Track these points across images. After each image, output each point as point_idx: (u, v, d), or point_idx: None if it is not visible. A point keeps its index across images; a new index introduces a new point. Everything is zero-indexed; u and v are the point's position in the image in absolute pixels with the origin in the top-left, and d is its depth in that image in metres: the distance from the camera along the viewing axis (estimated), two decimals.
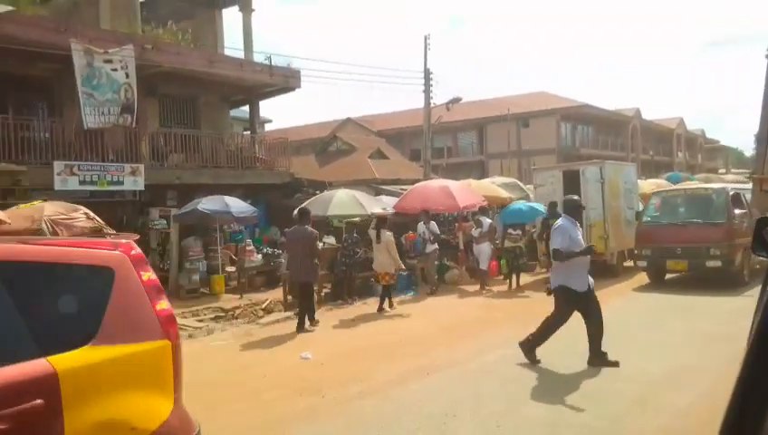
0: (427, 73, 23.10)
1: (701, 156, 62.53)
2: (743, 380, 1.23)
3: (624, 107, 49.48)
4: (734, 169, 43.96)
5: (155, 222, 14.38)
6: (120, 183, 14.25)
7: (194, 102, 18.67)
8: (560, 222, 6.92)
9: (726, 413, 1.23)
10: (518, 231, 13.37)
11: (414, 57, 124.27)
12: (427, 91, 23.22)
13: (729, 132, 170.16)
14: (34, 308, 2.62)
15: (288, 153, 20.13)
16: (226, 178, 16.98)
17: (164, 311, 2.95)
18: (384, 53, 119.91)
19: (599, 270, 9.13)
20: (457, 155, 43.93)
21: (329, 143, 31.19)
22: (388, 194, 17.70)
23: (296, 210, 11.53)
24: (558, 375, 6.37)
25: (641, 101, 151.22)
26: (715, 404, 1.45)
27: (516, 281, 13.13)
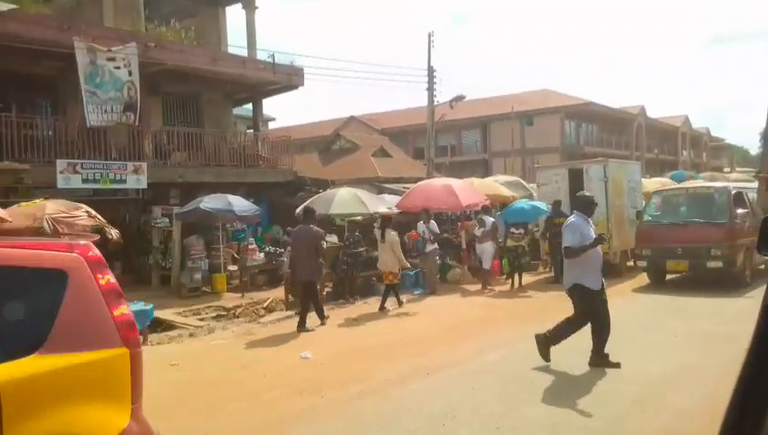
0: (430, 71, 23.03)
1: (706, 154, 62.25)
2: (743, 380, 1.23)
3: (629, 105, 49.30)
4: (738, 168, 43.72)
5: (157, 220, 14.41)
6: (123, 181, 14.29)
7: (197, 100, 18.70)
8: (572, 219, 6.77)
9: (727, 413, 1.22)
10: (521, 230, 13.35)
11: (418, 54, 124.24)
12: (430, 89, 23.16)
13: (734, 130, 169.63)
14: None
15: (291, 151, 20.15)
16: (229, 176, 17.01)
17: (123, 317, 2.81)
18: (387, 50, 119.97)
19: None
20: (461, 153, 43.86)
21: (332, 142, 31.18)
22: (391, 193, 17.67)
23: (299, 208, 11.53)
24: (558, 375, 6.35)
25: (646, 98, 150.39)
26: (715, 405, 1.43)
27: (519, 280, 13.11)
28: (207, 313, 11.61)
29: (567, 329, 6.64)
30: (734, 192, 12.20)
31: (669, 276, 12.59)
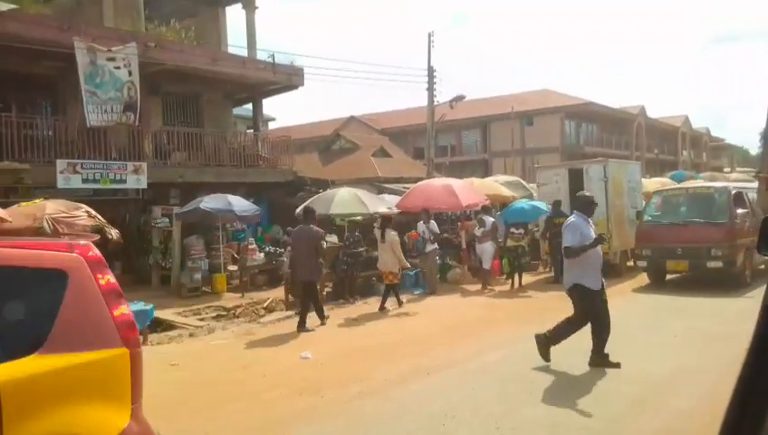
0: (430, 71, 23.03)
1: (706, 154, 62.25)
2: (743, 380, 1.22)
3: (628, 105, 49.30)
4: (739, 168, 43.72)
5: (157, 220, 14.41)
6: (123, 181, 14.29)
7: (197, 100, 18.70)
8: (572, 219, 6.76)
9: (727, 413, 1.22)
10: (520, 230, 13.35)
11: (418, 54, 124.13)
12: (430, 89, 23.16)
13: (734, 130, 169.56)
14: None
15: (291, 151, 20.15)
16: (229, 176, 17.01)
17: (123, 317, 2.79)
18: (387, 50, 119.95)
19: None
20: (461, 153, 43.86)
21: (332, 141, 31.18)
22: (391, 192, 17.67)
23: (299, 208, 11.51)
24: (558, 375, 6.34)
25: (646, 98, 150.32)
26: (715, 405, 1.44)
27: (519, 280, 13.11)
28: (207, 313, 11.61)
29: (567, 329, 6.65)
30: (733, 192, 12.18)
31: (669, 276, 12.58)
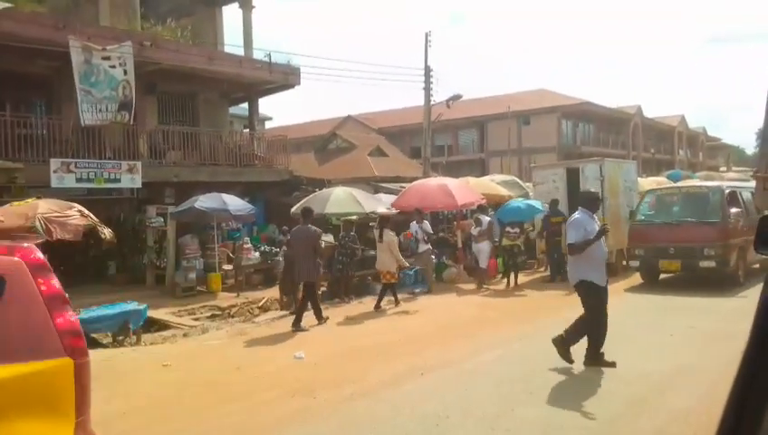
0: (427, 71, 23.01)
1: (702, 154, 62.38)
2: (741, 378, 1.21)
3: (625, 104, 49.33)
4: (735, 167, 43.79)
5: (152, 220, 14.33)
6: (117, 180, 14.22)
7: (193, 100, 18.63)
8: (576, 215, 6.63)
9: (725, 412, 1.20)
10: (516, 229, 13.33)
11: (414, 53, 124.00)
12: (427, 89, 23.13)
13: (731, 130, 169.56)
14: None
15: (287, 151, 20.10)
16: (225, 175, 16.96)
17: (67, 324, 2.62)
18: (384, 49, 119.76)
19: None
20: (458, 153, 43.83)
21: (328, 141, 31.12)
22: (388, 192, 17.65)
23: (294, 207, 11.47)
24: (554, 376, 6.30)
25: (642, 98, 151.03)
26: (712, 405, 1.41)
27: (514, 280, 13.09)
28: (202, 312, 11.57)
29: (582, 328, 6.52)
30: (727, 191, 12.10)
31: (663, 276, 12.52)
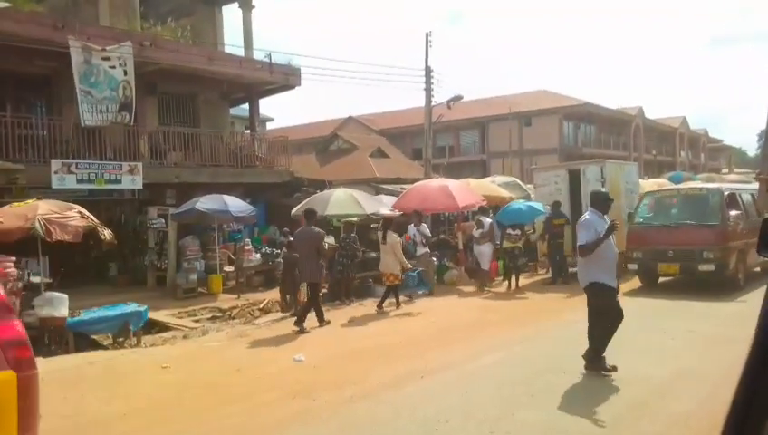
0: (428, 71, 22.98)
1: (704, 155, 62.35)
2: (744, 382, 1.19)
3: (627, 106, 49.31)
4: (737, 169, 43.76)
5: (153, 221, 14.34)
6: (118, 181, 14.20)
7: (193, 100, 18.63)
8: (586, 216, 6.49)
9: (728, 417, 1.19)
10: (517, 231, 13.28)
11: (415, 54, 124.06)
12: (427, 90, 23.10)
13: (732, 132, 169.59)
14: None
15: (288, 152, 20.08)
16: (226, 176, 16.94)
17: (10, 334, 2.45)
18: (385, 49, 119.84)
19: None
20: (459, 154, 43.83)
21: (329, 142, 31.14)
22: (389, 193, 17.63)
23: (295, 209, 11.44)
24: (554, 379, 6.26)
25: (644, 99, 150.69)
26: (715, 409, 1.38)
27: (515, 282, 13.04)
28: (203, 314, 11.56)
29: (600, 332, 6.36)
30: (726, 193, 11.92)
31: (662, 279, 12.35)
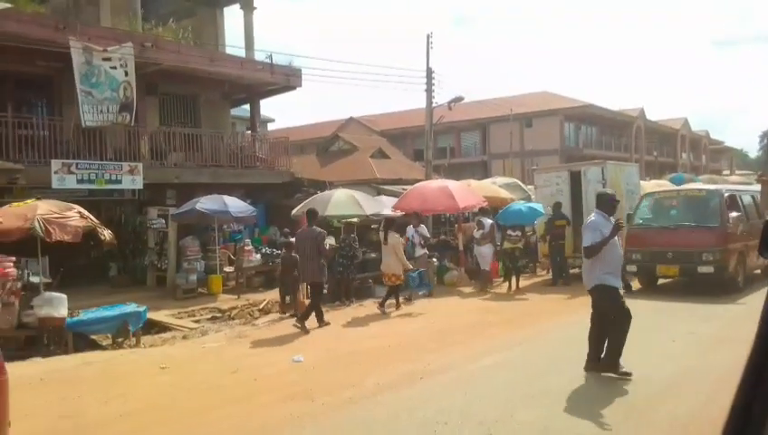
0: (429, 73, 22.92)
1: (705, 157, 62.28)
2: (745, 383, 1.19)
3: (628, 107, 49.31)
4: (738, 171, 43.73)
5: (153, 221, 14.35)
6: (119, 182, 14.21)
7: (194, 101, 18.64)
8: (592, 217, 6.43)
9: (729, 418, 1.19)
10: (517, 232, 13.26)
11: (416, 55, 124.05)
12: (429, 91, 23.05)
13: (733, 133, 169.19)
14: None
15: (289, 152, 20.08)
16: (226, 177, 16.94)
17: None
18: (385, 50, 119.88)
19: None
20: (460, 155, 43.86)
21: (330, 143, 31.13)
22: (389, 194, 17.61)
23: (295, 210, 11.43)
24: (553, 381, 6.24)
25: (645, 101, 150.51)
26: (716, 411, 1.37)
27: (516, 283, 13.03)
28: (202, 314, 11.55)
29: (617, 339, 6.33)
30: (726, 195, 11.85)
31: (661, 281, 12.32)
